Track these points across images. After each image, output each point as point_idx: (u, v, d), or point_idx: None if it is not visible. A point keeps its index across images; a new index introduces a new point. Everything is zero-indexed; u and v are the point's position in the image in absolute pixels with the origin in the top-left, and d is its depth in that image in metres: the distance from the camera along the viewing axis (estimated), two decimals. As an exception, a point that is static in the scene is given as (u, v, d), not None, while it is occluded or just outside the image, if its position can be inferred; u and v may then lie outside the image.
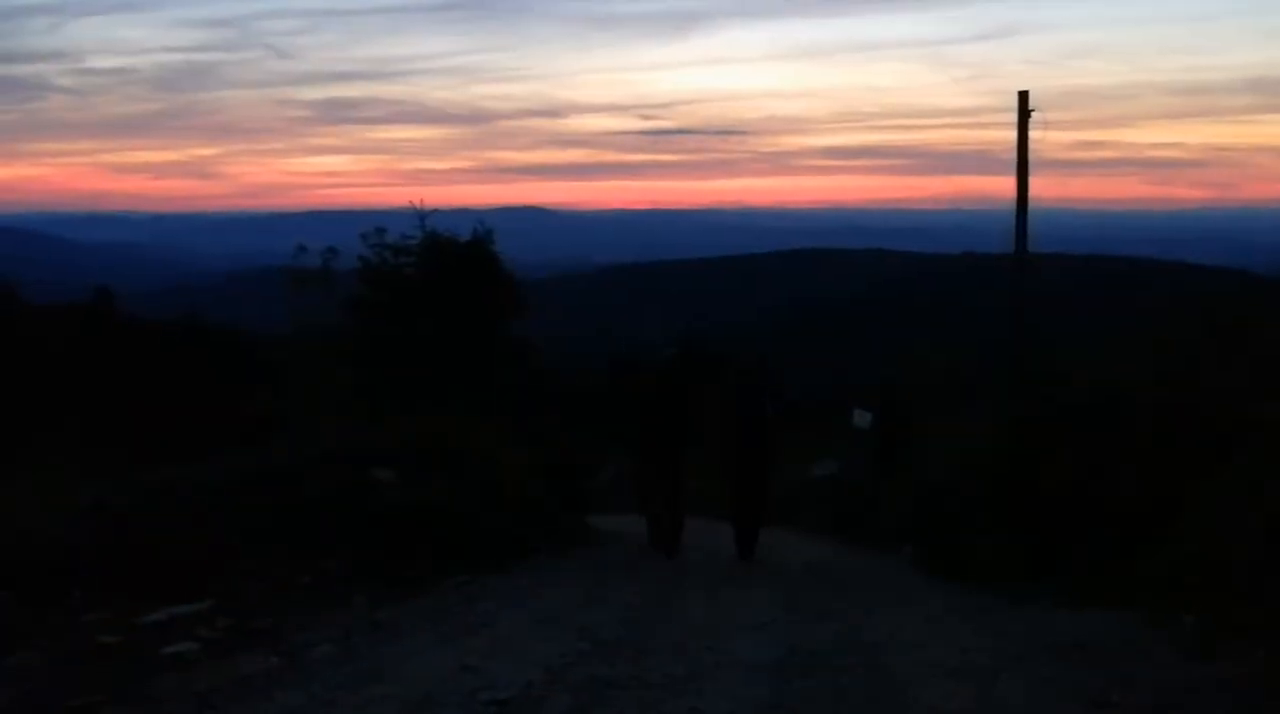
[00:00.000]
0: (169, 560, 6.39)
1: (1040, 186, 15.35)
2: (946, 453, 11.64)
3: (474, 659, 5.08)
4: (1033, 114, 15.11)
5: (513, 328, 15.75)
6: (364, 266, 15.15)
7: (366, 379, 14.04)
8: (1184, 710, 4.19)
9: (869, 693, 4.65)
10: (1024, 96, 15.17)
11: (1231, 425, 6.55)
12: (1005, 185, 15.27)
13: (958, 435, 11.95)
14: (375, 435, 9.62)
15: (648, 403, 10.30)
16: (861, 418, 18.92)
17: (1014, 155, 15.22)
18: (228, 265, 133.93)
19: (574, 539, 10.61)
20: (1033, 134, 15.13)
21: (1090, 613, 6.12)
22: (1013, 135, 15.19)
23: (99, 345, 24.18)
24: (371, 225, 15.40)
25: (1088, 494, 7.42)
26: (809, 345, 62.05)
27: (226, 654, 5.09)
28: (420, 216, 15.14)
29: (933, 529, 10.08)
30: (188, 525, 7.09)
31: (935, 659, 5.22)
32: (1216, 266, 59.16)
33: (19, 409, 16.02)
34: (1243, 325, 7.84)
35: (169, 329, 30.97)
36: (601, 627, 6.00)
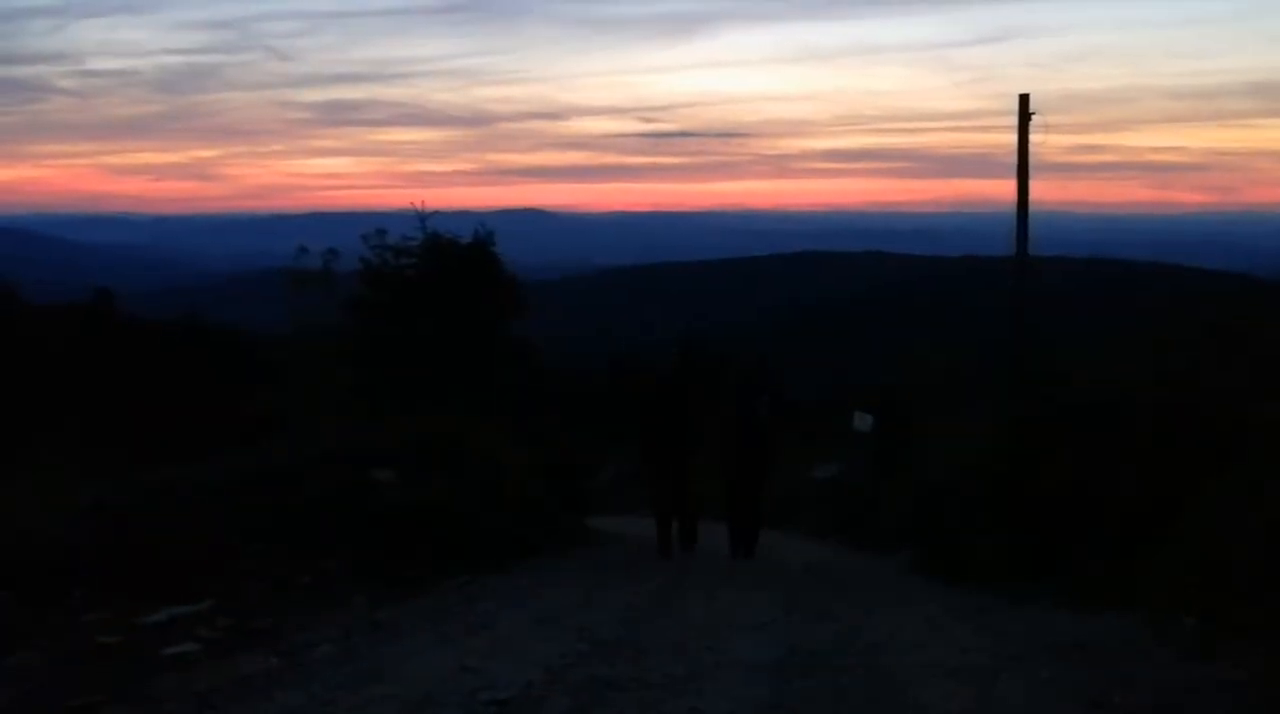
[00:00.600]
0: (169, 560, 6.39)
1: (1041, 190, 15.35)
2: (946, 453, 11.64)
3: (474, 659, 5.08)
4: (1033, 117, 15.10)
5: (513, 328, 15.75)
6: (365, 268, 15.15)
7: (366, 379, 14.04)
8: (1184, 711, 4.19)
9: (869, 693, 4.65)
10: (1025, 100, 15.17)
11: (1232, 426, 6.55)
12: (1006, 188, 15.27)
13: (958, 436, 11.94)
14: (375, 435, 9.62)
15: (651, 405, 10.32)
16: (862, 421, 18.97)
17: (1015, 158, 15.21)
18: (228, 267, 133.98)
19: (574, 539, 10.62)
20: (1033, 137, 15.13)
21: (1090, 613, 6.12)
22: (1013, 138, 15.18)
23: (99, 346, 24.20)
24: (372, 227, 15.40)
25: (1088, 494, 7.41)
26: (809, 346, 62.06)
27: (226, 654, 5.09)
28: (421, 218, 15.14)
29: (932, 530, 10.09)
30: (188, 525, 7.09)
31: (935, 660, 5.22)
32: (1217, 270, 59.08)
33: (19, 409, 16.02)
34: (1243, 325, 7.83)
35: (169, 329, 31.00)
36: (601, 627, 5.99)
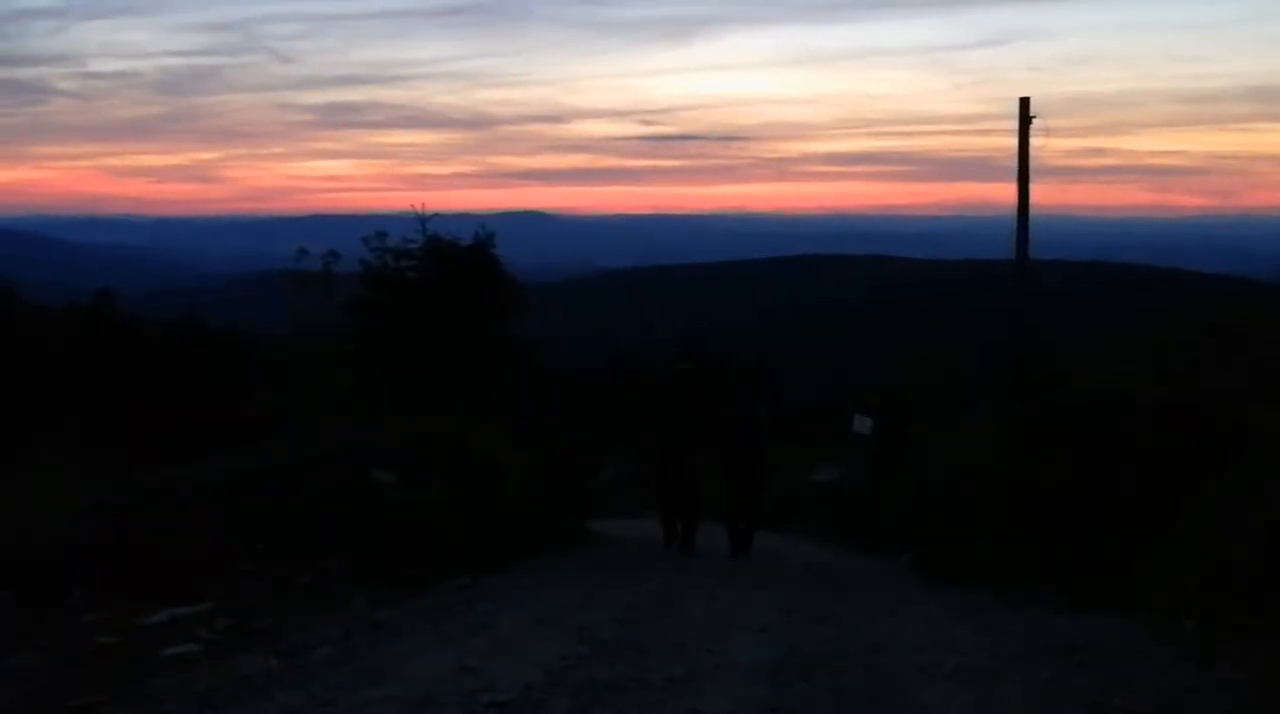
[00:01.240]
0: (169, 560, 6.38)
1: (1041, 193, 15.37)
2: (946, 454, 11.63)
3: (474, 660, 5.07)
4: (1034, 121, 15.10)
5: (513, 329, 15.76)
6: (365, 270, 15.16)
7: (366, 379, 14.04)
8: (1184, 712, 4.18)
9: (869, 695, 4.65)
10: (1025, 103, 15.17)
11: (1232, 426, 6.54)
12: (1007, 192, 15.27)
13: (958, 437, 11.94)
14: (375, 435, 9.61)
15: (653, 404, 10.36)
16: (862, 424, 19.02)
17: (1015, 162, 15.21)
18: (229, 269, 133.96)
19: (574, 540, 10.61)
20: (1034, 141, 15.13)
21: (1090, 615, 6.12)
22: (1014, 142, 15.18)
23: (99, 346, 24.21)
24: (373, 229, 15.41)
25: (1088, 495, 7.40)
26: (810, 348, 62.07)
27: (226, 654, 5.08)
28: (422, 221, 15.15)
29: (932, 531, 10.08)
30: (188, 525, 7.09)
31: (935, 661, 5.22)
32: (1217, 274, 59.09)
33: (19, 409, 16.03)
34: (1243, 326, 7.83)
35: (169, 330, 31.03)
36: (601, 627, 5.99)
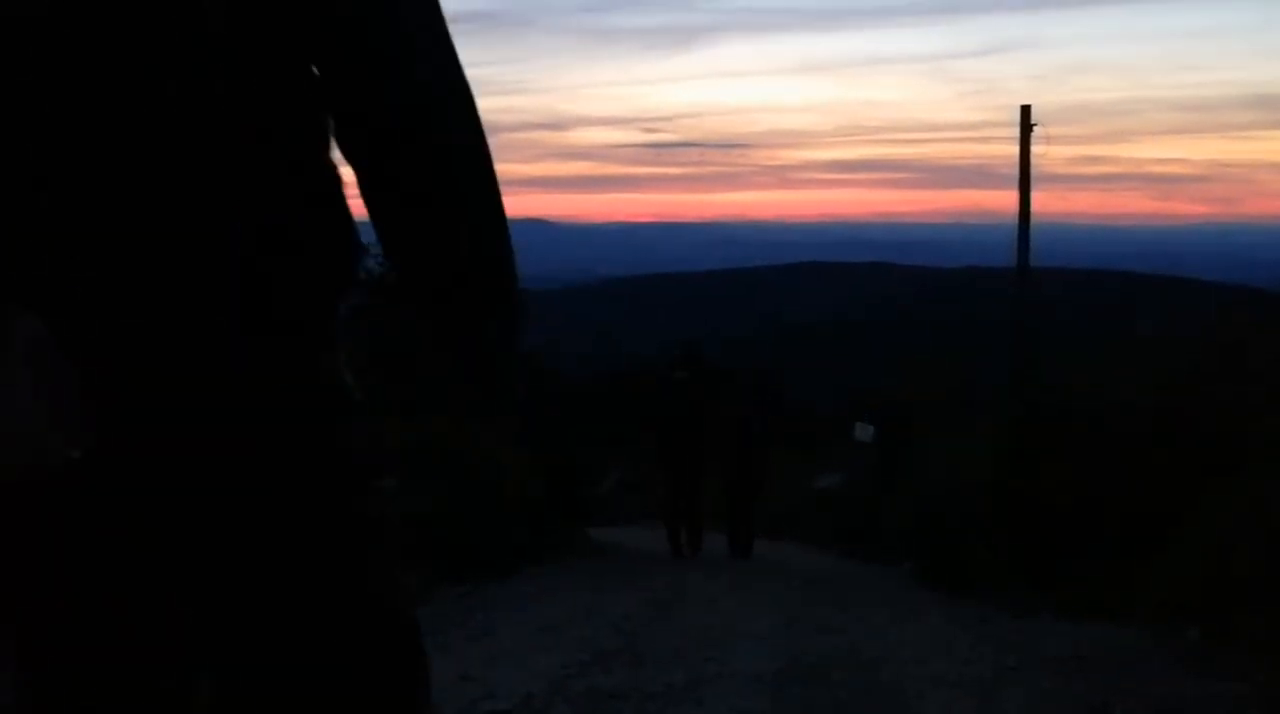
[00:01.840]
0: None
1: (1042, 201, 15.42)
2: (948, 462, 11.64)
3: (474, 668, 5.05)
4: (1035, 129, 15.16)
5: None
6: (366, 277, 15.18)
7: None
8: (1186, 722, 4.17)
9: (870, 704, 4.63)
10: (1026, 111, 15.22)
11: (1233, 433, 6.54)
12: (1008, 199, 15.32)
13: (959, 444, 11.95)
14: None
15: (653, 414, 10.45)
16: (863, 431, 19.03)
17: (1016, 169, 15.25)
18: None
19: (575, 548, 10.61)
20: (1035, 148, 15.20)
21: (1091, 624, 6.11)
22: (1015, 150, 15.24)
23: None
24: (373, 236, 15.44)
25: (1089, 503, 7.40)
26: (811, 355, 62.14)
27: (225, 661, 5.06)
28: (422, 225, 15.18)
29: (934, 541, 10.08)
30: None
31: (936, 671, 5.20)
32: (1218, 282, 59.17)
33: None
34: (1244, 332, 7.83)
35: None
36: (602, 636, 5.98)
